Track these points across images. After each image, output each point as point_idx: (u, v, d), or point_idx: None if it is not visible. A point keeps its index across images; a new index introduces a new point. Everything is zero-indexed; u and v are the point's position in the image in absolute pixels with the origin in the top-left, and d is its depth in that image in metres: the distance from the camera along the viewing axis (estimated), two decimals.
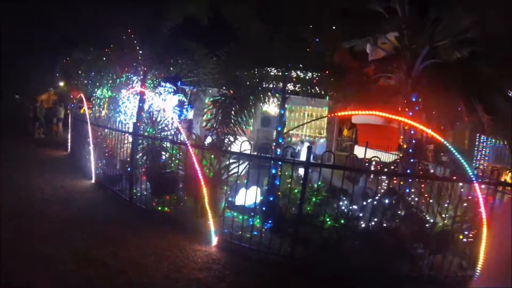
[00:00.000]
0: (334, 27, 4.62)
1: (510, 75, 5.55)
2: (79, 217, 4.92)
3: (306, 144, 12.27)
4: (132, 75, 7.44)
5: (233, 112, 4.17)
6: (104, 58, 7.03)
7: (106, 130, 7.38)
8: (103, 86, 8.38)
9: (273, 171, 5.15)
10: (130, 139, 6.94)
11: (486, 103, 4.82)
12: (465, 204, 4.84)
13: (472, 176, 4.31)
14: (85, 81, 8.65)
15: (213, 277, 3.61)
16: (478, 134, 15.06)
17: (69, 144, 10.66)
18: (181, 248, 4.21)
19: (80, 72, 7.75)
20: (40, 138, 13.20)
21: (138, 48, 6.57)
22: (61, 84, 25.24)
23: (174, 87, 9.91)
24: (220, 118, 4.12)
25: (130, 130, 6.12)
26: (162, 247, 4.19)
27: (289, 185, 4.58)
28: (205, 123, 4.49)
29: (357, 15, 5.30)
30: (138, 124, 6.25)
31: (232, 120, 4.17)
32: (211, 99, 4.46)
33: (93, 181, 7.12)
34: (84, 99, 8.78)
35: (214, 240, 4.48)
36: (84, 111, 8.18)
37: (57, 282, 3.15)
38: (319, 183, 4.57)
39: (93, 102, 9.56)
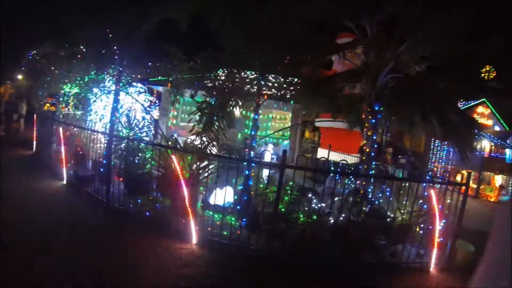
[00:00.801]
0: (309, 43, 5.00)
1: (460, 89, 6.34)
2: (56, 220, 4.80)
3: (270, 146, 12.72)
4: (106, 75, 7.37)
5: (215, 118, 4.42)
6: (79, 56, 6.91)
7: (77, 129, 7.24)
8: (74, 83, 8.19)
9: (247, 172, 5.46)
10: (103, 139, 6.94)
11: (438, 114, 5.45)
12: (420, 201, 5.51)
13: (423, 176, 4.93)
14: (55, 77, 8.37)
15: (199, 273, 3.83)
16: (432, 139, 16.48)
17: (34, 142, 10.19)
18: (164, 247, 4.36)
19: (52, 67, 7.49)
20: (0, 136, 12.43)
21: (115, 48, 6.54)
22: (20, 77, 23.76)
23: (145, 88, 9.87)
24: (204, 124, 4.35)
25: (105, 130, 6.12)
26: (145, 247, 4.31)
27: (261, 185, 4.91)
28: (192, 127, 4.66)
29: (330, 31, 5.76)
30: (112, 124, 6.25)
31: (215, 125, 4.42)
32: (196, 107, 4.65)
33: (64, 182, 6.94)
34: (53, 96, 8.48)
35: (194, 238, 4.70)
36: (55, 108, 7.94)
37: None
38: (291, 183, 4.94)
39: (60, 99, 9.28)
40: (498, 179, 15.94)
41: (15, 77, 23.96)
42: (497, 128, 19.22)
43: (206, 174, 5.34)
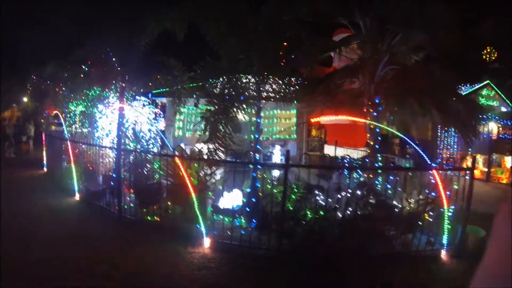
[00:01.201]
0: (307, 43, 5.09)
1: (458, 75, 6.36)
2: (72, 234, 5.02)
3: (278, 147, 12.79)
4: (110, 92, 7.56)
5: (220, 125, 4.54)
6: (82, 75, 7.11)
7: (85, 146, 7.45)
8: (79, 102, 8.40)
9: (254, 175, 5.56)
10: (111, 154, 7.11)
11: (437, 101, 5.48)
12: (428, 189, 5.52)
13: (430, 164, 4.95)
14: (59, 97, 8.59)
15: (212, 275, 3.96)
16: (439, 126, 16.37)
17: (44, 162, 10.46)
18: (176, 253, 4.50)
19: (57, 88, 7.72)
20: (11, 158, 12.76)
21: (116, 65, 6.72)
22: (25, 100, 24.30)
23: (149, 100, 10.05)
24: (209, 133, 4.46)
25: (112, 145, 6.28)
26: (158, 254, 4.45)
27: (269, 186, 5.00)
28: (198, 136, 4.77)
29: (326, 29, 5.85)
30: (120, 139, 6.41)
31: (221, 133, 4.54)
32: (199, 115, 4.77)
33: (77, 198, 7.15)
34: (60, 116, 8.71)
35: (206, 242, 4.81)
36: (61, 128, 8.15)
37: None
38: (297, 182, 5.03)
39: (67, 118, 9.50)
40: (509, 161, 15.74)
41: (21, 100, 24.49)
42: (503, 109, 18.99)
43: (213, 180, 5.46)
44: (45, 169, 10.30)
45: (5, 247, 4.14)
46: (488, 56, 22.28)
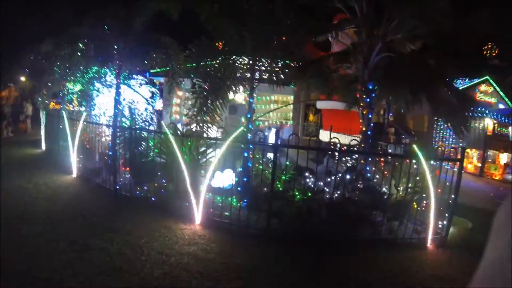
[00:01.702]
0: (298, 25, 5.11)
1: (452, 66, 6.40)
2: (70, 210, 5.13)
3: (274, 130, 12.89)
4: (107, 69, 7.59)
5: (209, 101, 4.62)
6: (79, 54, 7.13)
7: (84, 124, 7.52)
8: (76, 80, 8.42)
9: (245, 154, 5.66)
10: (107, 131, 7.20)
11: (430, 92, 5.54)
12: (417, 178, 5.62)
13: (420, 154, 5.03)
14: (57, 76, 8.60)
15: (202, 250, 4.09)
16: (435, 118, 16.45)
17: (43, 140, 10.54)
18: (168, 228, 4.64)
19: (54, 66, 7.74)
20: (9, 137, 12.83)
21: (113, 43, 6.74)
22: (23, 79, 24.17)
23: (145, 79, 10.07)
24: (198, 107, 4.55)
25: (109, 123, 6.36)
26: (151, 229, 4.59)
27: (260, 167, 5.11)
28: (186, 112, 4.86)
29: (321, 12, 5.85)
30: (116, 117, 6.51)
31: (210, 109, 4.62)
32: (190, 91, 4.85)
33: (74, 175, 7.27)
34: (58, 94, 8.73)
35: (197, 219, 4.95)
36: (60, 106, 8.21)
37: (62, 268, 3.39)
38: (287, 163, 5.13)
39: (64, 96, 9.53)
40: (503, 157, 15.88)
41: (18, 79, 24.37)
42: (501, 106, 19.03)
43: (205, 159, 5.57)
44: (43, 147, 10.40)
45: (3, 222, 4.21)
46: (489, 52, 22.20)
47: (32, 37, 9.53)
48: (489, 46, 20.97)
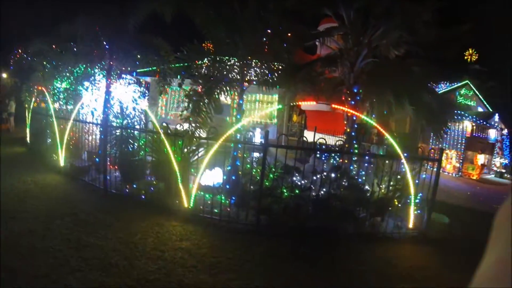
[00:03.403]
0: (289, 33, 5.31)
1: (434, 72, 6.76)
2: (61, 208, 5.09)
3: (258, 130, 13.10)
4: (97, 69, 7.61)
5: (201, 103, 4.77)
6: (69, 52, 7.12)
7: (71, 123, 7.49)
8: (65, 78, 8.38)
9: (234, 154, 5.83)
10: (96, 130, 7.21)
11: (410, 95, 5.85)
12: (398, 176, 5.93)
13: (400, 153, 5.33)
14: (45, 73, 8.55)
15: (194, 245, 4.24)
16: (419, 121, 17.01)
17: (28, 139, 10.38)
18: (160, 225, 4.75)
19: (45, 63, 7.67)
20: None
21: (104, 43, 6.77)
22: (5, 76, 23.54)
23: (134, 79, 10.09)
24: (192, 109, 4.69)
25: (97, 122, 6.40)
26: (143, 226, 4.68)
27: (248, 166, 5.27)
28: (180, 113, 5.00)
29: (311, 19, 6.09)
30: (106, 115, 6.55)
31: (202, 110, 4.77)
32: (184, 95, 4.97)
33: (62, 173, 7.22)
34: (46, 93, 8.65)
35: (188, 216, 5.08)
36: (46, 104, 8.15)
37: (57, 267, 3.41)
38: (275, 162, 5.33)
39: (51, 94, 9.45)
40: (481, 158, 16.59)
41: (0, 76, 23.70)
42: (480, 109, 19.82)
43: (196, 157, 5.70)
44: (28, 145, 10.24)
45: None
46: (469, 57, 23.09)
47: (19, 34, 9.40)
48: (470, 51, 21.85)
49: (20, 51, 9.26)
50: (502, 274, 0.63)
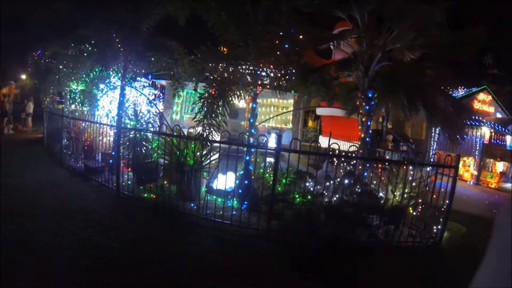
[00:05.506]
0: (301, 35, 5.26)
1: (449, 77, 6.58)
2: (74, 208, 5.16)
3: (273, 135, 13.07)
4: (111, 71, 7.73)
5: (215, 107, 4.76)
6: (85, 54, 7.26)
7: (86, 124, 7.63)
8: (81, 80, 8.55)
9: (247, 158, 5.80)
10: (110, 132, 7.31)
11: (427, 100, 5.70)
12: (413, 184, 5.77)
13: (416, 159, 5.19)
14: (61, 75, 8.73)
15: (204, 249, 4.21)
16: (433, 126, 16.67)
17: (44, 139, 10.62)
18: (170, 228, 4.76)
19: (61, 66, 7.86)
20: (10, 135, 12.89)
21: (119, 45, 6.87)
22: (24, 77, 24.28)
23: (149, 82, 10.24)
24: (205, 112, 4.69)
25: (112, 123, 6.48)
26: (155, 228, 4.71)
27: (261, 170, 5.23)
28: (193, 116, 5.00)
29: (323, 21, 6.02)
30: (120, 117, 6.62)
31: (216, 113, 4.76)
32: (198, 95, 4.98)
33: (76, 174, 7.33)
34: (59, 94, 8.85)
35: (199, 220, 5.06)
36: (62, 106, 8.32)
37: (69, 265, 3.45)
38: (287, 167, 5.27)
39: (67, 96, 9.66)
40: (499, 166, 16.05)
41: (18, 77, 24.46)
42: (498, 115, 19.25)
43: (208, 161, 5.69)
44: (45, 145, 10.46)
45: (7, 219, 4.29)
46: (488, 61, 22.52)
47: (37, 36, 9.64)
48: (488, 56, 21.30)
49: (38, 53, 9.51)
50: (503, 274, 0.63)
